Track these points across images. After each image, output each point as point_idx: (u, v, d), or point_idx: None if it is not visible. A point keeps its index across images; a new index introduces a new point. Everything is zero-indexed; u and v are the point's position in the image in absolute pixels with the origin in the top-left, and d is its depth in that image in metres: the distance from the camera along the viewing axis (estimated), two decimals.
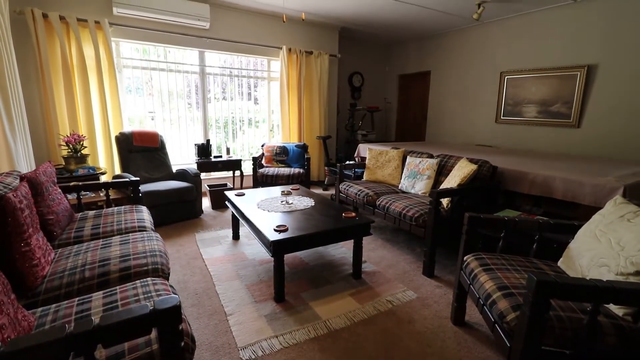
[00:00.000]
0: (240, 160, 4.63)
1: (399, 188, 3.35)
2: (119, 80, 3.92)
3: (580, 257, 1.51)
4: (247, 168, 5.03)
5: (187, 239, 3.15)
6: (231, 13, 4.58)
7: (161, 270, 1.63)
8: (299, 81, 5.14)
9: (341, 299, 2.18)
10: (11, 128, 2.61)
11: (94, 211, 2.39)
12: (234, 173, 4.81)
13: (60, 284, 1.45)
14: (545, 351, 1.18)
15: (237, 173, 4.98)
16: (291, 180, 4.32)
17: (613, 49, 3.79)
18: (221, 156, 4.60)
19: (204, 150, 4.41)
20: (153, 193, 3.30)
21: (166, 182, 3.67)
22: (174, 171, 3.96)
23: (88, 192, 3.21)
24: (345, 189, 3.44)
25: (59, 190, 2.16)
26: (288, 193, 3.10)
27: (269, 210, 2.57)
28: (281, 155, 4.70)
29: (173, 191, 3.44)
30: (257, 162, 4.53)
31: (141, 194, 2.74)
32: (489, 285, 1.48)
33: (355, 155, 4.69)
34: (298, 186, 3.39)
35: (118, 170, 3.90)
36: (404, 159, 3.55)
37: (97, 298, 1.31)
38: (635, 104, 3.67)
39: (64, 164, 3.39)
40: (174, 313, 0.94)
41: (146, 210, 2.47)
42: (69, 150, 3.33)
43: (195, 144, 4.44)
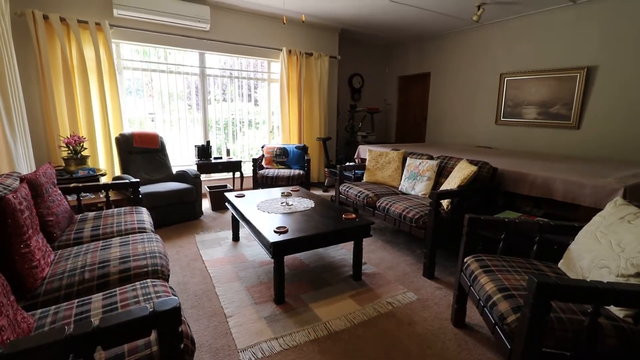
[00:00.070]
0: (240, 161, 4.63)
1: (399, 189, 3.35)
2: (119, 81, 3.92)
3: (580, 259, 1.51)
4: (247, 169, 5.03)
5: (187, 240, 3.15)
6: (231, 15, 4.59)
7: (161, 272, 1.63)
8: (299, 83, 5.15)
9: (341, 300, 2.17)
10: (11, 129, 2.62)
11: (93, 212, 2.39)
12: (234, 174, 4.81)
13: (59, 285, 1.45)
14: (546, 353, 1.18)
15: (237, 174, 4.97)
16: (291, 181, 4.32)
17: (612, 51, 3.79)
18: (221, 157, 4.60)
19: (204, 151, 4.41)
20: (153, 194, 3.30)
21: (166, 183, 3.67)
22: (174, 172, 3.96)
23: (88, 194, 3.21)
24: (345, 190, 3.44)
25: (59, 192, 2.16)
26: (288, 194, 3.10)
27: (269, 212, 2.57)
28: (281, 156, 4.70)
29: (173, 192, 3.44)
30: (257, 163, 4.53)
31: (141, 196, 2.73)
32: (490, 286, 1.48)
33: (355, 157, 4.70)
34: (298, 187, 3.39)
35: (118, 171, 3.90)
36: (404, 160, 3.55)
37: (97, 300, 1.30)
38: (635, 105, 3.68)
39: (64, 165, 3.39)
40: (173, 315, 0.94)
41: (146, 212, 2.46)
42: (69, 152, 3.33)
43: (195, 145, 4.44)
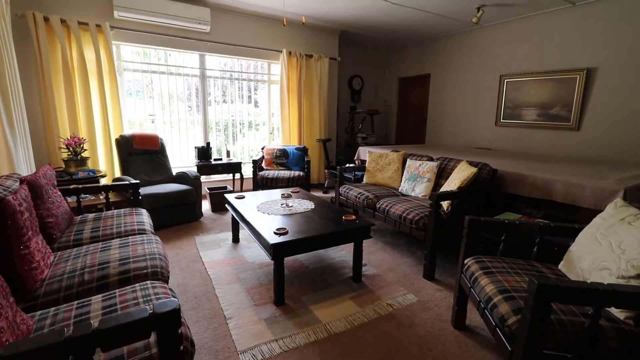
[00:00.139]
0: (240, 163, 4.63)
1: (399, 191, 3.35)
2: (119, 83, 3.93)
3: (581, 260, 1.51)
4: (247, 171, 5.03)
5: (186, 241, 3.15)
6: (232, 16, 4.60)
7: (161, 274, 1.63)
8: (299, 84, 5.15)
9: (341, 302, 2.17)
10: (11, 130, 2.62)
11: (93, 214, 2.38)
12: (234, 176, 4.81)
13: (59, 287, 1.44)
14: (547, 355, 1.17)
15: (237, 176, 4.97)
16: (291, 183, 4.32)
17: (612, 52, 3.80)
18: (221, 159, 4.60)
19: (204, 153, 4.41)
20: (153, 196, 3.30)
21: (166, 184, 3.67)
22: (174, 174, 3.96)
23: (88, 195, 3.21)
24: (345, 191, 3.43)
25: (58, 193, 2.16)
26: (288, 196, 3.09)
27: (269, 213, 2.57)
28: (281, 158, 4.70)
29: (173, 194, 3.44)
30: (257, 164, 4.53)
31: (141, 197, 2.73)
32: (490, 288, 1.48)
33: (355, 158, 4.70)
34: (298, 189, 3.38)
35: (118, 173, 3.90)
36: (404, 161, 3.56)
37: (96, 301, 1.30)
38: (634, 107, 3.68)
39: (64, 166, 3.39)
40: (173, 317, 0.94)
41: (146, 213, 2.46)
42: (69, 153, 3.34)
43: (195, 146, 4.45)
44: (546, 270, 1.62)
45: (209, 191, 4.16)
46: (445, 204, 2.58)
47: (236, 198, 3.00)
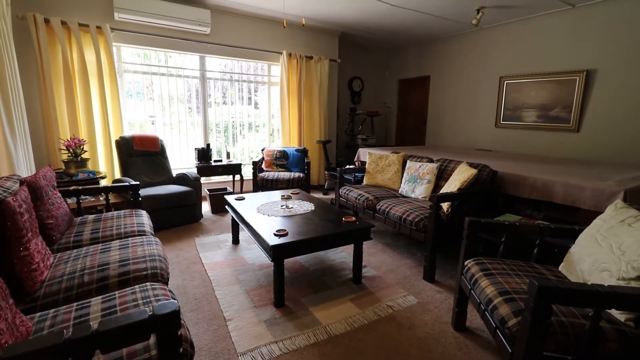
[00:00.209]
0: (240, 164, 4.63)
1: (399, 192, 3.35)
2: (119, 84, 3.94)
3: (581, 262, 1.51)
4: (247, 172, 5.03)
5: (186, 243, 3.14)
6: (232, 18, 4.61)
7: (160, 275, 1.63)
8: (299, 86, 5.16)
9: (341, 304, 2.16)
10: (12, 132, 2.62)
11: (93, 215, 2.38)
12: (234, 177, 4.81)
13: (59, 288, 1.44)
14: (547, 357, 1.17)
15: (237, 177, 4.97)
16: (291, 184, 4.32)
17: (611, 54, 3.81)
18: (221, 160, 4.61)
19: (204, 154, 4.42)
20: (153, 197, 3.29)
21: (166, 186, 3.67)
22: (174, 175, 3.96)
23: (88, 196, 3.21)
24: (345, 193, 3.43)
25: (58, 195, 2.16)
26: (288, 197, 3.10)
27: (268, 215, 2.56)
28: (281, 159, 4.71)
29: (173, 195, 3.44)
30: (257, 166, 4.53)
31: (141, 198, 2.73)
32: (490, 290, 1.47)
33: (355, 160, 4.70)
34: (298, 190, 3.38)
35: (118, 174, 3.90)
36: (404, 163, 3.56)
37: (96, 303, 1.30)
38: (634, 108, 3.68)
39: (64, 168, 3.39)
40: (172, 318, 0.94)
41: (146, 215, 2.46)
42: (69, 155, 3.34)
43: (195, 148, 4.45)
44: (546, 272, 1.62)
45: (209, 192, 4.16)
46: (445, 205, 2.58)
47: (236, 199, 3.00)
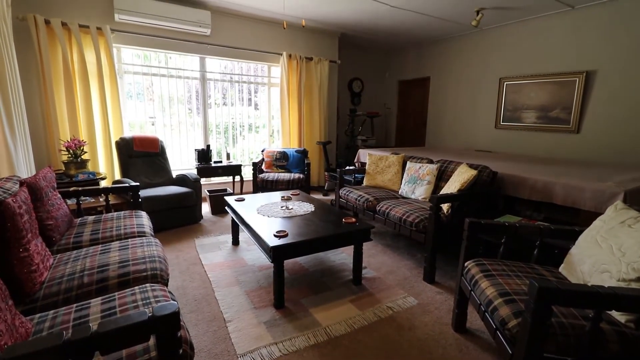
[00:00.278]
0: (240, 165, 4.63)
1: (399, 193, 3.35)
2: (119, 85, 3.94)
3: (581, 263, 1.51)
4: (247, 173, 5.03)
5: (186, 244, 3.14)
6: (232, 19, 4.62)
7: (160, 276, 1.62)
8: (299, 87, 5.17)
9: (341, 305, 2.16)
10: (12, 133, 2.62)
11: (93, 216, 2.38)
12: (233, 178, 4.81)
13: (58, 290, 1.44)
14: (548, 358, 1.17)
15: (237, 178, 4.97)
16: (291, 185, 4.32)
17: (611, 55, 3.81)
18: (221, 161, 4.61)
19: (204, 155, 4.42)
20: (153, 198, 3.29)
21: (166, 187, 3.67)
22: (174, 176, 3.96)
23: (88, 198, 3.21)
24: (345, 194, 3.43)
25: (58, 196, 2.16)
26: (288, 198, 3.09)
27: (268, 216, 2.56)
28: (281, 160, 4.71)
29: (173, 196, 3.43)
30: (257, 167, 4.53)
31: (141, 199, 2.73)
32: (490, 291, 1.47)
33: (355, 161, 4.70)
34: (298, 191, 3.38)
35: (118, 175, 3.90)
36: (403, 164, 3.56)
37: (96, 304, 1.30)
38: (634, 109, 3.69)
39: (64, 169, 3.39)
40: (172, 320, 0.94)
41: (146, 216, 2.46)
42: (69, 156, 3.34)
43: (195, 149, 4.45)
44: (547, 273, 1.62)
45: (209, 194, 4.16)
46: (445, 206, 2.58)
47: (236, 200, 3.00)
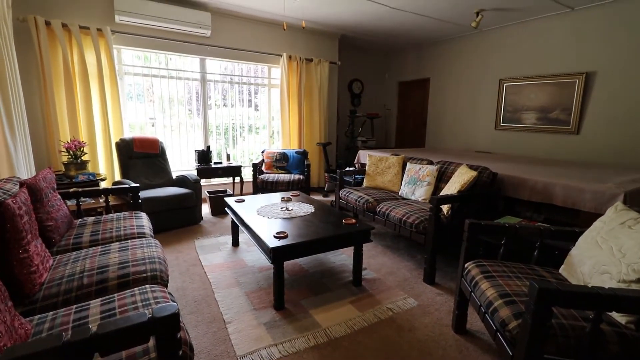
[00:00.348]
0: (240, 166, 4.63)
1: (399, 194, 3.35)
2: (120, 87, 3.94)
3: (581, 264, 1.50)
4: (247, 174, 5.04)
5: (186, 245, 3.14)
6: (232, 21, 4.63)
7: (160, 278, 1.62)
8: (299, 88, 5.17)
9: (341, 306, 2.16)
10: (12, 133, 2.62)
11: (93, 217, 2.38)
12: (233, 179, 4.81)
13: (58, 291, 1.44)
14: (548, 359, 1.17)
15: (237, 179, 4.97)
16: (291, 186, 4.32)
17: (611, 56, 3.82)
18: (221, 162, 4.61)
19: (204, 156, 4.42)
20: (153, 199, 3.29)
21: (166, 188, 3.66)
22: (174, 177, 3.96)
23: (87, 199, 3.21)
24: (345, 195, 3.43)
25: (58, 197, 2.16)
26: (288, 199, 3.09)
27: (268, 217, 2.56)
28: (281, 161, 4.71)
29: (173, 197, 3.43)
30: (257, 168, 4.53)
31: (141, 200, 2.73)
32: (490, 292, 1.47)
33: (355, 162, 4.70)
34: (298, 192, 3.38)
35: (118, 176, 3.90)
36: (403, 165, 3.56)
37: (95, 305, 1.30)
38: (633, 110, 3.69)
39: (64, 170, 3.39)
40: (172, 321, 0.94)
41: (145, 217, 2.46)
42: (69, 157, 3.34)
43: (195, 150, 4.45)
44: (547, 274, 1.61)
45: (208, 195, 4.16)
46: (445, 207, 2.58)
47: (236, 201, 3.00)
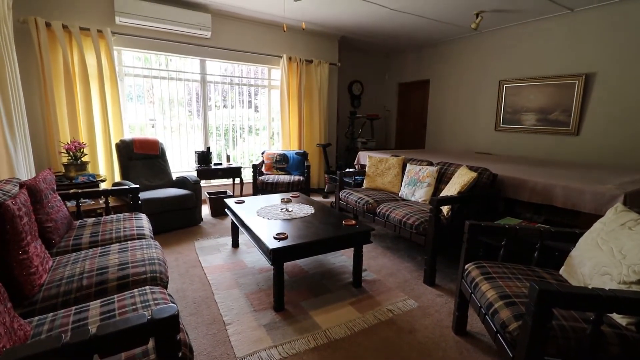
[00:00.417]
0: (240, 167, 4.63)
1: (399, 196, 3.35)
2: (120, 88, 3.95)
3: (582, 266, 1.50)
4: (247, 175, 5.03)
5: (186, 246, 3.14)
6: (232, 22, 4.63)
7: (159, 279, 1.62)
8: (299, 89, 5.18)
9: (341, 308, 2.15)
10: (12, 135, 2.62)
11: (93, 219, 2.38)
12: (233, 180, 4.81)
13: (57, 292, 1.43)
14: None
15: (237, 180, 4.97)
16: (291, 187, 4.32)
17: (611, 57, 3.82)
18: (221, 164, 4.61)
19: (204, 157, 4.42)
20: (153, 200, 3.29)
21: (166, 189, 3.66)
22: (174, 178, 3.96)
23: (87, 200, 3.21)
24: (345, 196, 3.43)
25: (58, 198, 2.15)
26: (288, 201, 3.09)
27: (268, 218, 2.56)
28: (281, 162, 4.71)
29: (173, 199, 3.43)
30: (257, 169, 4.53)
31: (141, 202, 2.73)
32: (491, 294, 1.47)
33: (355, 163, 4.70)
34: (298, 194, 3.38)
35: (118, 177, 3.90)
36: (403, 166, 3.56)
37: (95, 307, 1.29)
38: (633, 111, 3.69)
39: (64, 171, 3.39)
40: (171, 322, 0.93)
41: (145, 218, 2.46)
42: (69, 158, 3.34)
43: (195, 151, 4.45)
44: (547, 276, 1.61)
45: (208, 196, 4.15)
46: (445, 208, 2.58)
47: (236, 203, 2.99)
